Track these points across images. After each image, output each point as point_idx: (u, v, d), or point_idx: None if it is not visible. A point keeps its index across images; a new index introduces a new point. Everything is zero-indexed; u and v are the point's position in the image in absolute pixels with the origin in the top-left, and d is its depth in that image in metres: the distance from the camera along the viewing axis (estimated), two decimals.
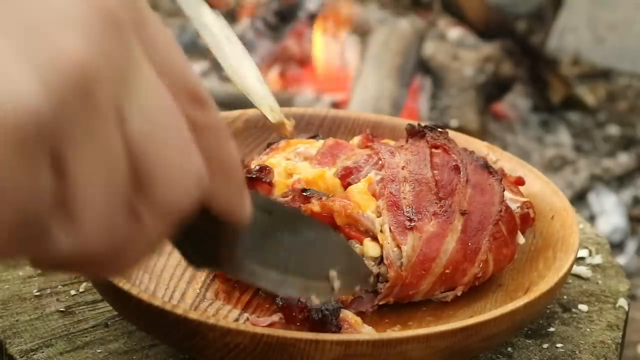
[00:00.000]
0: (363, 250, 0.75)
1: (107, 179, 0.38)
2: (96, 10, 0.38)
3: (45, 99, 0.36)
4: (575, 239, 0.79)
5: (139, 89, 0.40)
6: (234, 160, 0.46)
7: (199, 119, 0.43)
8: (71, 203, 0.38)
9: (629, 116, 2.96)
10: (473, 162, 0.81)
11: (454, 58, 2.73)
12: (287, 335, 0.65)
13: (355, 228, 0.75)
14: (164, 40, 0.43)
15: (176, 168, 0.40)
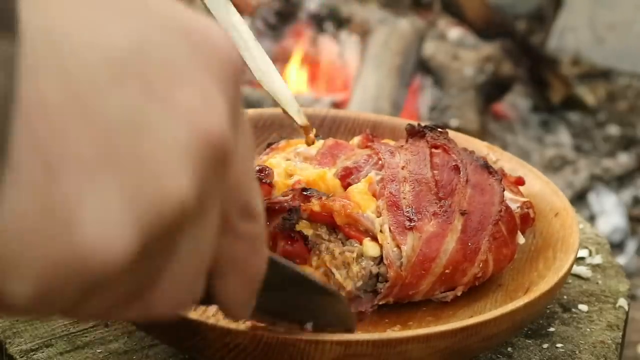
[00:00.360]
0: (362, 250, 0.75)
1: None
2: (204, 144, 0.38)
3: (136, 245, 0.37)
4: (575, 239, 0.79)
5: (201, 225, 0.41)
6: (256, 271, 0.48)
7: (242, 229, 0.45)
8: None
9: (629, 116, 2.96)
10: (473, 162, 0.81)
11: (454, 58, 2.73)
12: (287, 335, 0.65)
13: (355, 228, 0.76)
14: (243, 166, 0.44)
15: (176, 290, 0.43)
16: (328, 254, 0.73)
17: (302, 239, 0.73)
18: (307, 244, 0.73)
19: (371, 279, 0.76)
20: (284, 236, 0.73)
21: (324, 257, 0.73)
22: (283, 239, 0.73)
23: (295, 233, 0.73)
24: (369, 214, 0.76)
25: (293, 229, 0.73)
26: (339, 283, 0.73)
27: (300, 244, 0.73)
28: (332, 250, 0.74)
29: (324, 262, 0.73)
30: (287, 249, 0.73)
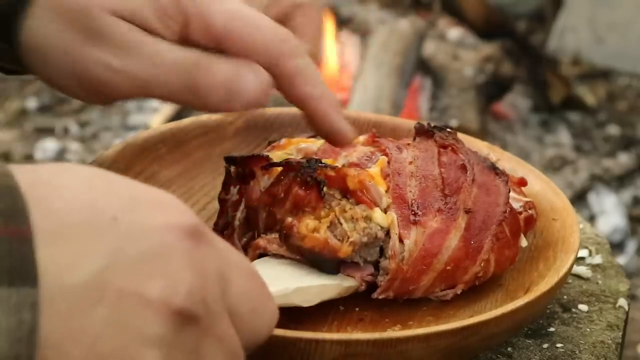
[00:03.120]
0: (371, 215, 0.75)
1: None
2: (169, 321, 0.48)
3: None
4: (575, 239, 0.79)
5: None
6: None
7: None
8: None
9: (629, 116, 2.96)
10: (480, 162, 0.81)
11: (454, 58, 2.73)
12: (287, 334, 0.65)
13: (366, 196, 0.76)
14: None
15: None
16: (339, 207, 0.74)
17: (317, 185, 0.73)
18: (321, 191, 0.73)
19: (375, 245, 0.75)
20: (300, 182, 0.73)
21: (335, 209, 0.73)
22: (298, 184, 0.73)
23: (312, 179, 0.73)
24: (380, 188, 0.76)
25: (311, 175, 0.73)
26: (345, 233, 0.73)
27: (314, 191, 0.73)
28: (344, 205, 0.74)
29: (333, 212, 0.73)
30: (299, 194, 0.73)
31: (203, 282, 0.50)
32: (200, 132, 0.93)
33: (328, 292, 0.73)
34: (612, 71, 3.16)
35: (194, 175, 0.90)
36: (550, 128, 2.83)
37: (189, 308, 0.49)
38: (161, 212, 0.50)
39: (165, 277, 0.48)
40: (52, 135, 2.74)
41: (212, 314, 0.51)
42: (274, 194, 0.75)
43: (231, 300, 0.53)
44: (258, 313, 0.54)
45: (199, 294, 0.49)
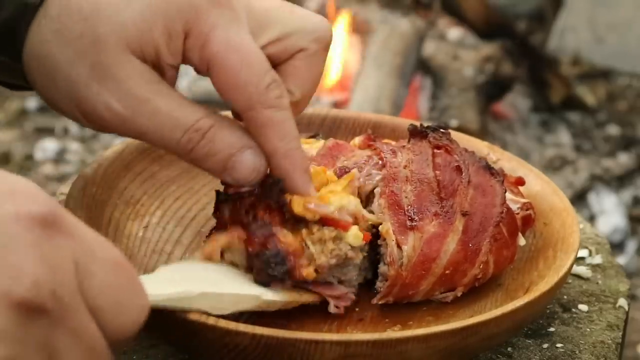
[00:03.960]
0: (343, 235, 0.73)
1: None
2: (12, 312, 0.48)
3: None
4: (575, 239, 0.79)
5: None
6: None
7: None
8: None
9: (629, 116, 2.96)
10: (475, 163, 0.81)
11: (454, 58, 2.73)
12: (287, 335, 0.65)
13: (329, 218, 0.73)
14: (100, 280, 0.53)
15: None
16: (306, 228, 0.72)
17: (280, 208, 0.71)
18: (284, 212, 0.71)
19: (346, 268, 0.74)
20: (263, 206, 0.71)
21: (302, 231, 0.72)
22: (262, 208, 0.71)
23: (274, 202, 0.71)
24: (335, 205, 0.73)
25: (277, 199, 0.71)
26: (311, 256, 0.71)
27: (278, 213, 0.71)
28: (312, 227, 0.72)
29: (300, 235, 0.71)
30: (265, 215, 0.70)
31: (52, 274, 0.49)
32: None
33: (243, 302, 0.69)
34: (612, 71, 3.16)
35: (194, 175, 0.90)
36: (550, 128, 2.83)
37: (33, 300, 0.48)
38: (11, 200, 0.50)
39: (7, 268, 0.48)
40: (52, 135, 2.74)
41: (65, 306, 0.50)
42: (240, 221, 0.72)
43: (91, 293, 0.52)
44: (123, 307, 0.53)
45: (47, 285, 0.49)
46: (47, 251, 0.50)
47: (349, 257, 0.73)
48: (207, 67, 0.70)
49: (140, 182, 0.87)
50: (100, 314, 0.52)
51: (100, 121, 0.70)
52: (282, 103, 0.70)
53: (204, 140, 0.70)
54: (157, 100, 0.68)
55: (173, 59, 0.70)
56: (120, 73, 0.67)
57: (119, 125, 0.69)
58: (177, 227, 0.85)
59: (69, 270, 0.51)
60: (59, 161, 2.65)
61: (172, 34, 0.69)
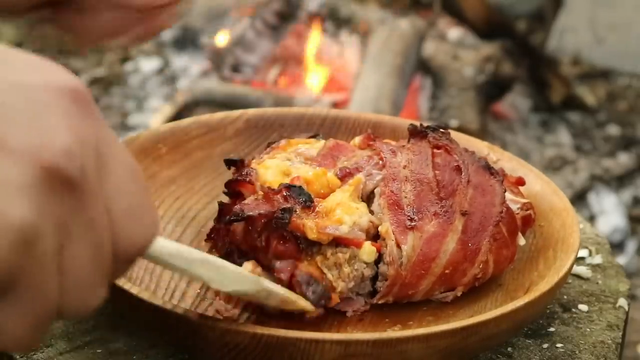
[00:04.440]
0: (356, 253, 0.74)
1: None
2: (41, 176, 0.45)
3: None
4: (575, 239, 0.79)
5: (77, 242, 0.48)
6: None
7: None
8: None
9: (629, 116, 2.96)
10: (475, 162, 0.81)
11: (454, 58, 2.73)
12: (287, 335, 0.65)
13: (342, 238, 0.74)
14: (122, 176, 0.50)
15: None
16: (320, 255, 0.73)
17: (294, 239, 0.72)
18: (299, 243, 0.72)
19: (364, 282, 0.75)
20: (276, 236, 0.72)
21: (316, 258, 0.73)
22: (275, 238, 0.72)
23: (288, 233, 0.71)
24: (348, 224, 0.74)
25: (285, 228, 0.71)
26: (330, 283, 0.72)
27: (292, 244, 0.72)
28: (325, 251, 0.73)
29: (315, 263, 0.72)
30: (279, 248, 0.71)
31: (82, 148, 0.47)
32: (200, 132, 0.93)
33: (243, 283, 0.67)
34: (612, 71, 3.16)
35: (194, 175, 0.90)
36: (550, 128, 2.83)
37: (63, 168, 0.46)
38: (39, 72, 0.48)
39: (39, 130, 0.46)
40: None
41: (89, 188, 0.47)
42: (254, 244, 0.73)
43: (107, 188, 0.49)
44: (135, 216, 0.50)
45: (77, 158, 0.47)
46: (76, 124, 0.47)
47: (365, 276, 0.75)
48: None
49: None
50: (112, 215, 0.49)
51: None
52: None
53: None
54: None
55: None
56: None
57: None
58: (177, 227, 0.85)
59: (94, 151, 0.48)
60: None
61: None
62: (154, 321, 0.68)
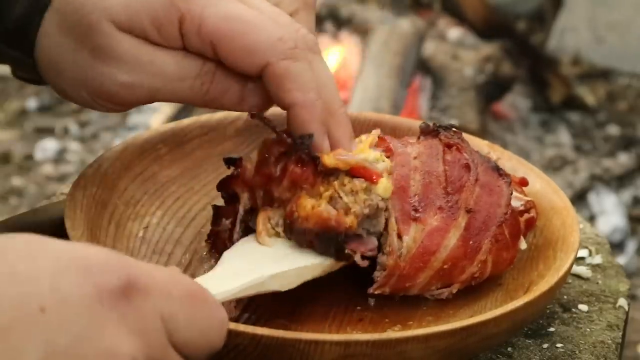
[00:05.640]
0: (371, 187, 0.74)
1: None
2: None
3: None
4: (575, 238, 0.79)
5: None
6: None
7: None
8: None
9: (629, 116, 2.96)
10: (484, 163, 0.81)
11: (454, 58, 2.73)
12: (287, 336, 0.65)
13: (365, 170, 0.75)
14: None
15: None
16: (337, 181, 0.73)
17: (313, 162, 0.72)
18: (317, 166, 0.72)
19: (377, 216, 0.74)
20: (295, 159, 0.72)
21: (334, 183, 0.73)
22: (294, 162, 0.72)
23: (306, 155, 0.72)
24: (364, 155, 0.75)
25: (306, 150, 0.72)
26: (346, 206, 0.72)
27: (310, 168, 0.72)
28: (342, 178, 0.73)
29: (333, 187, 0.73)
30: (296, 172, 0.72)
31: (145, 342, 0.50)
32: (200, 132, 0.93)
33: (307, 273, 0.72)
34: (612, 71, 3.16)
35: (194, 175, 0.90)
36: (550, 128, 2.83)
37: None
38: (87, 277, 0.50)
39: (104, 353, 0.48)
40: (52, 135, 2.74)
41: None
42: (269, 173, 0.74)
43: (178, 334, 0.53)
44: (205, 332, 0.55)
45: (143, 354, 0.50)
46: (133, 321, 0.50)
47: (380, 208, 0.74)
48: (211, 46, 0.71)
49: (141, 182, 0.87)
50: (187, 348, 0.53)
51: (112, 97, 0.72)
52: (298, 53, 0.71)
53: (216, 78, 0.72)
54: (160, 59, 0.71)
55: (168, 44, 0.71)
56: (118, 49, 0.70)
57: (130, 94, 0.72)
58: (177, 228, 0.84)
59: (158, 329, 0.51)
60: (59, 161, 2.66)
61: (163, 22, 0.70)
62: None
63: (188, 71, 0.72)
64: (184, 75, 0.72)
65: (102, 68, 0.71)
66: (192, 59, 0.72)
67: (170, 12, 0.70)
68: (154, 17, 0.70)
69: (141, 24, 0.70)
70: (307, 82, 0.71)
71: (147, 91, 0.72)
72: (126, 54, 0.70)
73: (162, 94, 0.72)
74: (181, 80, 0.72)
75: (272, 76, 0.71)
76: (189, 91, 0.72)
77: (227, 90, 0.73)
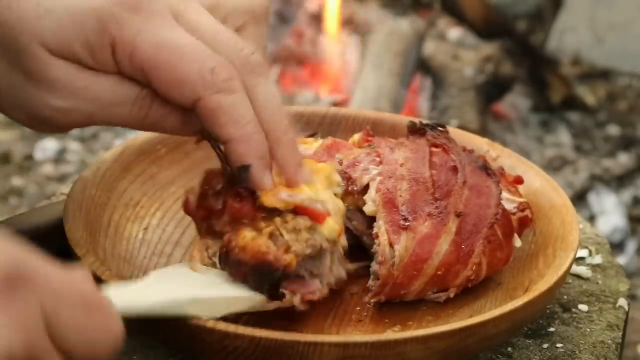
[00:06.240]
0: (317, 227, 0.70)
1: None
2: None
3: None
4: (575, 237, 0.79)
5: None
6: None
7: None
8: None
9: (629, 116, 2.96)
10: (472, 162, 0.80)
11: (454, 58, 2.73)
12: (286, 337, 0.65)
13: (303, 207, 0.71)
14: None
15: None
16: (279, 217, 0.70)
17: (251, 196, 0.69)
18: (256, 201, 0.69)
19: (321, 257, 0.72)
20: (233, 193, 0.69)
21: (275, 220, 0.69)
22: (232, 196, 0.69)
23: (245, 190, 0.69)
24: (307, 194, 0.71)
25: (243, 183, 0.69)
26: (286, 244, 0.69)
27: (249, 202, 0.69)
28: (285, 215, 0.70)
29: (274, 224, 0.69)
30: (235, 207, 0.69)
31: (24, 335, 0.50)
32: None
33: (233, 305, 0.68)
34: (612, 71, 3.15)
35: (193, 175, 0.90)
36: (550, 128, 2.83)
37: None
38: None
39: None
40: (52, 135, 2.74)
41: (38, 358, 0.50)
42: (209, 207, 0.71)
43: (63, 338, 0.52)
44: (95, 344, 0.54)
45: (21, 351, 0.49)
46: (15, 311, 0.49)
47: (323, 249, 0.71)
48: (143, 73, 0.68)
49: (140, 183, 0.87)
50: (71, 351, 0.52)
51: (47, 120, 0.70)
52: (232, 85, 0.68)
53: (155, 104, 0.69)
54: (94, 84, 0.69)
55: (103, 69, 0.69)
56: (51, 74, 0.68)
57: (65, 118, 0.70)
58: (176, 229, 0.84)
59: (38, 326, 0.51)
60: (59, 161, 2.65)
61: (95, 47, 0.68)
62: (153, 324, 0.68)
63: (124, 96, 0.69)
64: (120, 101, 0.69)
65: (35, 92, 0.69)
66: (129, 84, 0.69)
67: (102, 38, 0.67)
68: (86, 42, 0.67)
69: (73, 49, 0.68)
70: (242, 115, 0.68)
71: (83, 116, 0.69)
72: (60, 79, 0.68)
73: (100, 118, 0.70)
74: (118, 105, 0.69)
75: (204, 110, 0.68)
76: (127, 116, 0.70)
77: (168, 116, 0.70)
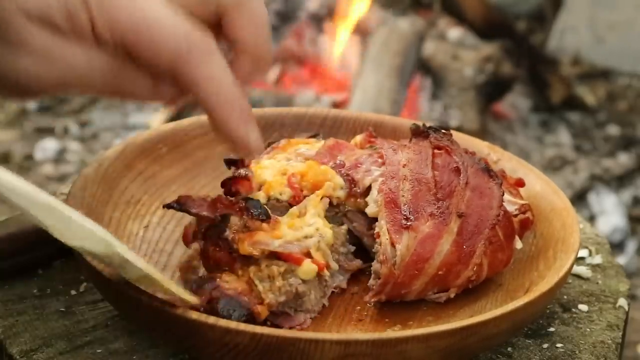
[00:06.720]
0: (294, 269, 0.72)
1: None
2: None
3: None
4: (575, 239, 0.79)
5: None
6: None
7: None
8: None
9: (629, 116, 2.96)
10: (474, 164, 0.81)
11: (454, 58, 2.73)
12: (287, 334, 0.65)
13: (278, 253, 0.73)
14: None
15: None
16: (254, 265, 0.72)
17: (227, 248, 0.71)
18: (231, 252, 0.71)
19: (297, 299, 0.73)
20: (212, 242, 0.72)
21: (250, 268, 0.72)
22: (211, 245, 0.72)
23: (222, 240, 0.71)
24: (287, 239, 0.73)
25: (220, 236, 0.71)
26: (259, 294, 0.71)
27: (226, 252, 0.71)
28: (260, 263, 0.72)
29: (248, 274, 0.71)
30: (215, 254, 0.72)
31: None
32: (200, 132, 0.93)
33: (92, 240, 0.63)
34: (612, 71, 3.16)
35: (194, 174, 0.90)
36: (550, 128, 2.83)
37: None
38: None
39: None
40: (52, 135, 2.74)
41: None
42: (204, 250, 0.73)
43: None
44: None
45: None
46: None
47: (299, 292, 0.73)
48: (124, 47, 0.70)
49: (141, 181, 0.87)
50: None
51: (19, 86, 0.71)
52: (213, 59, 0.70)
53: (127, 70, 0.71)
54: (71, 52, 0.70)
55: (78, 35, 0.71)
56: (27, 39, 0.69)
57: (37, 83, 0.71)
58: (177, 227, 0.85)
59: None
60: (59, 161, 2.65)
61: (73, 15, 0.70)
62: (154, 321, 0.68)
63: (99, 64, 0.71)
64: (94, 68, 0.71)
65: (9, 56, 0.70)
66: (105, 53, 0.71)
67: (80, 5, 0.69)
68: (64, 9, 0.69)
69: (51, 15, 0.70)
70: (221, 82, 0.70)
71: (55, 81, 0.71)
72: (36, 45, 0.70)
73: (72, 85, 0.71)
74: (92, 72, 0.71)
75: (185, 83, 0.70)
76: (99, 84, 0.71)
77: (139, 82, 0.72)
